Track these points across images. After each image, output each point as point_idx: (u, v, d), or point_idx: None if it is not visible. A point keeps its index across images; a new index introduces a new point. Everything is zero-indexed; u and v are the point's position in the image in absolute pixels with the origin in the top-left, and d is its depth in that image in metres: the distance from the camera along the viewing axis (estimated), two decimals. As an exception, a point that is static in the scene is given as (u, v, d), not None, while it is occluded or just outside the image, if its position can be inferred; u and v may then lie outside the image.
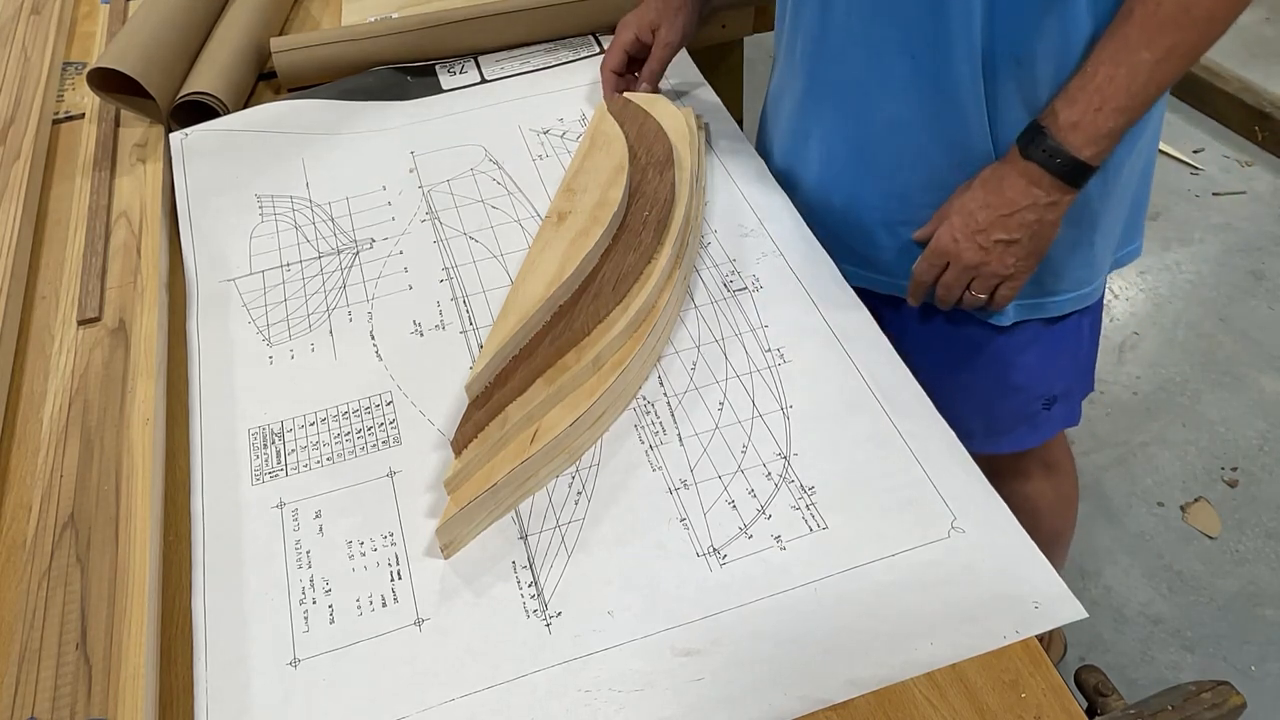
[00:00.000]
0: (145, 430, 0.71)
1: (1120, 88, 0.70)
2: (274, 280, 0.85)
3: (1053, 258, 0.83)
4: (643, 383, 0.74)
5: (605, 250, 0.79)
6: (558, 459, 0.68)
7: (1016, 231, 0.76)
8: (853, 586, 0.61)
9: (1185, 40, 0.68)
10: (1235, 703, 0.61)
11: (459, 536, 0.64)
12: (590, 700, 0.57)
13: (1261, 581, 1.48)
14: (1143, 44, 0.68)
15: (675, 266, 0.79)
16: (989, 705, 0.55)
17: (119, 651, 0.59)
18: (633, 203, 0.83)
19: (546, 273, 0.75)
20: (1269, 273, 1.96)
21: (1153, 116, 0.83)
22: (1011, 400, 0.91)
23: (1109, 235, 0.87)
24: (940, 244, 0.80)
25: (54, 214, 0.94)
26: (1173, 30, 0.68)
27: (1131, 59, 0.69)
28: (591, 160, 0.86)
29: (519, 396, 0.69)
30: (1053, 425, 0.97)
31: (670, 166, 0.86)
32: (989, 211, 0.76)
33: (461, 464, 0.65)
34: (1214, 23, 0.68)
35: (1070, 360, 0.94)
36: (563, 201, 0.82)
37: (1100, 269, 0.89)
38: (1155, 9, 0.67)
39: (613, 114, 0.92)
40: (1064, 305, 0.89)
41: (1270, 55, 2.48)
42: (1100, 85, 0.70)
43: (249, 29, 1.09)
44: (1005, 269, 0.78)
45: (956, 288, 0.81)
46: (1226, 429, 1.69)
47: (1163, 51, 0.68)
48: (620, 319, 0.73)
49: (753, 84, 1.29)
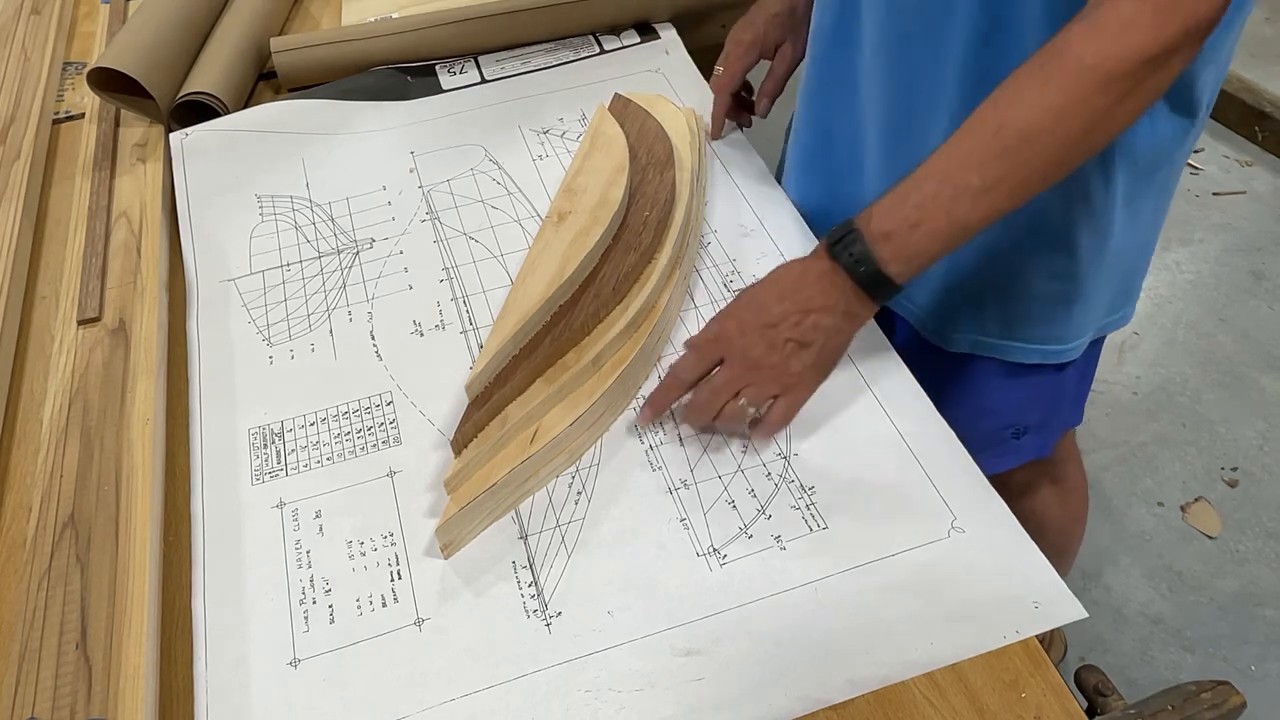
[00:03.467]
0: (145, 430, 0.71)
1: (941, 210, 0.60)
2: (274, 280, 0.85)
3: (1030, 306, 0.79)
4: (643, 383, 0.74)
5: (605, 250, 0.78)
6: (558, 459, 0.68)
7: (810, 334, 0.65)
8: (853, 587, 0.61)
9: (1016, 175, 0.59)
10: (1235, 703, 0.61)
11: (459, 537, 0.64)
12: (590, 700, 0.57)
13: (1261, 581, 1.48)
14: (974, 167, 0.59)
15: (675, 266, 0.79)
16: (989, 705, 0.55)
17: (119, 651, 0.59)
18: (633, 203, 0.82)
19: (547, 272, 0.75)
20: (1269, 273, 1.96)
21: (1165, 188, 0.77)
22: (980, 425, 0.84)
23: (1094, 301, 0.81)
24: (721, 333, 0.68)
25: (54, 214, 0.94)
26: (1006, 160, 0.59)
27: (959, 179, 0.60)
28: (592, 161, 0.86)
29: (519, 396, 0.69)
30: (1021, 454, 0.91)
31: (670, 167, 0.85)
32: (785, 306, 0.66)
33: (461, 464, 0.65)
34: (1051, 166, 0.59)
35: (1046, 399, 0.89)
36: (563, 202, 0.82)
37: (1080, 332, 0.83)
38: (996, 131, 0.58)
39: (613, 114, 0.92)
40: (1030, 355, 0.83)
41: (1270, 55, 2.48)
42: (923, 201, 0.61)
43: (249, 29, 1.08)
44: (789, 376, 0.66)
45: (724, 393, 0.67)
46: (1226, 429, 1.69)
47: (991, 180, 0.59)
48: (620, 319, 0.73)
49: (753, 84, 1.29)
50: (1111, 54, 0.54)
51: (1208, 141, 2.27)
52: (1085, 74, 0.55)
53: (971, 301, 0.83)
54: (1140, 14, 0.53)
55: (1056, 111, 0.57)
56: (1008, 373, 0.85)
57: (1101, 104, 0.56)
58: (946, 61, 0.71)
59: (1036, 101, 0.57)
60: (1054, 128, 0.57)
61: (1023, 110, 0.58)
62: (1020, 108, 0.58)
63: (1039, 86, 0.57)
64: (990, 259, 0.80)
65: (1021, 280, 0.79)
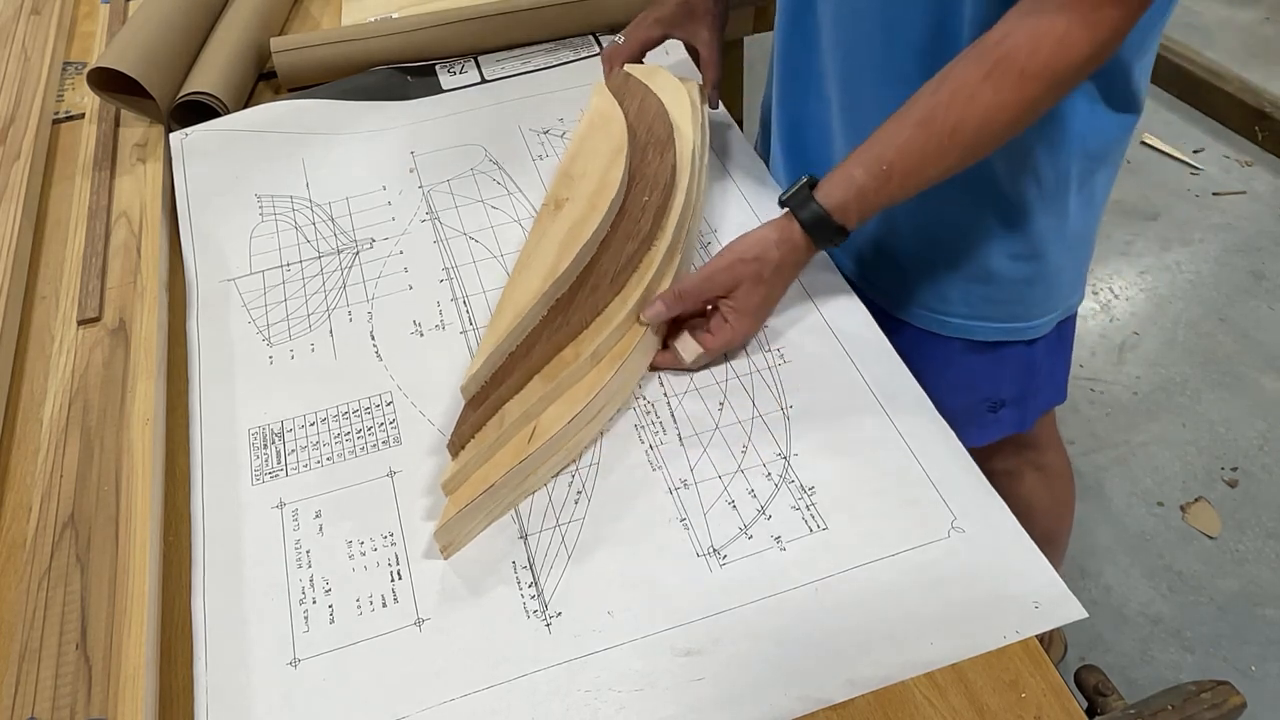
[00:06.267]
0: (145, 430, 0.71)
1: (890, 200, 0.69)
2: (274, 280, 0.85)
3: (992, 288, 0.83)
4: (641, 374, 0.74)
5: (604, 239, 0.77)
6: (556, 456, 0.68)
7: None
8: (852, 587, 0.61)
9: (963, 163, 0.67)
10: (1235, 703, 0.62)
11: (458, 538, 0.64)
12: (590, 700, 0.57)
13: (1261, 581, 1.48)
14: (932, 162, 0.66)
15: (675, 253, 0.78)
16: (989, 705, 0.55)
17: (119, 651, 0.59)
18: (632, 186, 0.81)
19: (542, 266, 0.74)
20: (1269, 273, 1.96)
21: (1112, 171, 0.82)
22: (954, 398, 0.85)
23: (1055, 281, 0.85)
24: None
25: (54, 214, 0.94)
26: (957, 154, 0.66)
27: (919, 175, 0.67)
28: (590, 142, 0.84)
29: (516, 395, 0.69)
30: (1001, 428, 0.95)
31: (671, 147, 0.83)
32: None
33: (459, 465, 0.65)
34: (988, 151, 0.67)
35: (1019, 373, 0.92)
36: (560, 188, 0.80)
37: (1044, 311, 0.87)
38: (953, 130, 0.65)
39: (612, 90, 0.90)
40: (993, 334, 0.87)
41: (1270, 55, 2.48)
42: (880, 203, 0.69)
43: (249, 29, 1.09)
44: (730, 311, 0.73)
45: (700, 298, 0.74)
46: (1226, 429, 1.69)
47: (944, 170, 0.67)
48: (619, 311, 0.72)
49: (752, 84, 1.29)
50: (1051, 65, 0.61)
51: (1208, 141, 2.27)
52: (1030, 80, 0.62)
53: (934, 283, 0.86)
54: (1071, 29, 0.60)
55: (1007, 110, 0.64)
56: (975, 349, 0.89)
57: (1043, 103, 0.64)
58: (897, 55, 0.75)
59: (990, 102, 0.63)
60: (1005, 124, 0.64)
61: (977, 111, 0.64)
62: (974, 108, 0.64)
63: (992, 91, 0.63)
64: (952, 242, 0.83)
65: (982, 262, 0.83)
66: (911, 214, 0.82)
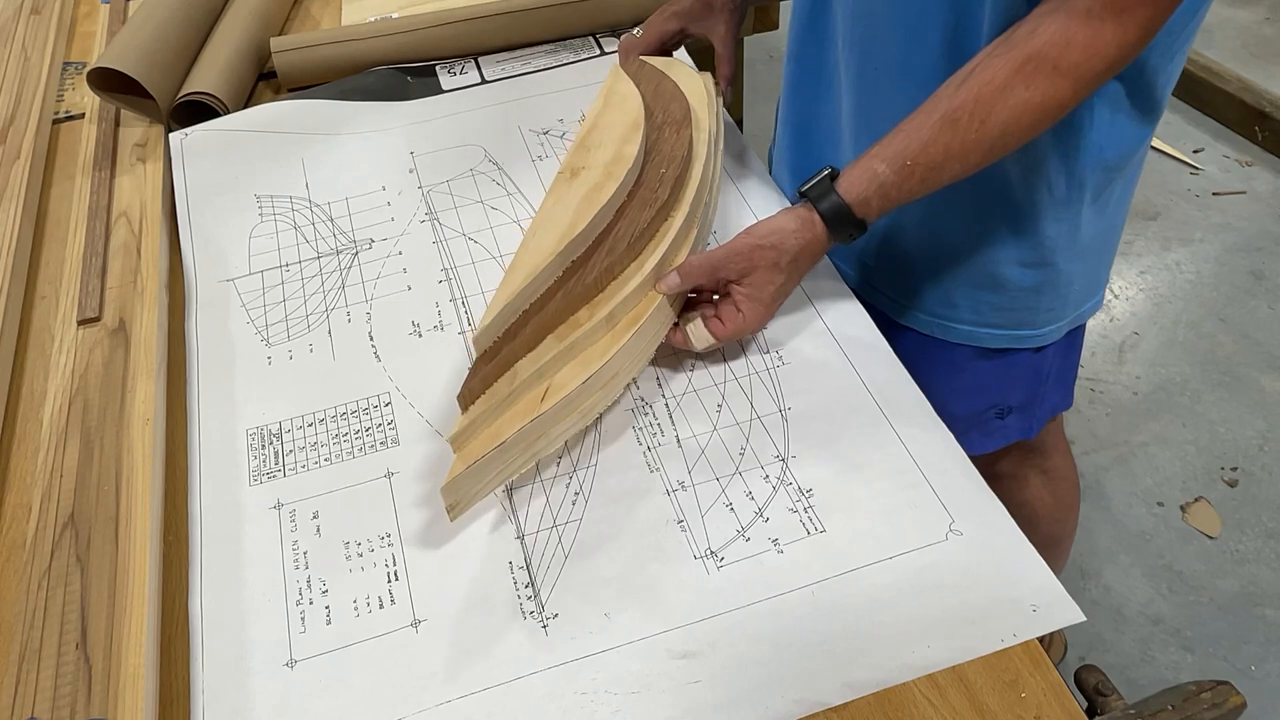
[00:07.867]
0: (145, 430, 0.71)
1: (911, 195, 0.68)
2: (273, 280, 0.85)
3: (1000, 296, 0.82)
4: (658, 345, 0.73)
5: (621, 206, 0.76)
6: (570, 418, 0.67)
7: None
8: (850, 590, 0.61)
9: (988, 159, 0.66)
10: (1235, 703, 0.62)
11: (465, 497, 0.63)
12: (587, 702, 0.57)
13: (1261, 581, 1.48)
14: (957, 156, 0.66)
15: (693, 225, 0.77)
16: (989, 705, 0.55)
17: (119, 651, 0.59)
18: (649, 160, 0.80)
19: (558, 227, 0.72)
20: (1269, 273, 1.96)
21: (1131, 179, 0.81)
22: (962, 405, 0.88)
23: (1065, 290, 0.84)
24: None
25: (54, 214, 0.94)
26: (982, 150, 0.65)
27: (944, 170, 0.67)
28: (606, 118, 0.83)
29: (529, 352, 0.67)
30: (1007, 434, 0.94)
31: (687, 125, 0.83)
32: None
33: (469, 420, 0.64)
34: (1010, 149, 0.66)
35: (1027, 380, 0.92)
36: (576, 157, 0.79)
37: (1053, 319, 0.86)
38: (982, 123, 0.64)
39: (629, 75, 0.89)
40: (1001, 341, 0.87)
41: (1270, 55, 2.48)
42: (900, 197, 0.68)
43: (249, 29, 1.09)
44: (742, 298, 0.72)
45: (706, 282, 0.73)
46: (1226, 429, 1.69)
47: (970, 166, 0.66)
48: (635, 275, 0.71)
49: (753, 84, 1.29)
50: (1082, 62, 0.61)
51: (1208, 141, 2.27)
52: (1062, 76, 0.61)
53: (940, 289, 0.85)
54: (1103, 27, 0.60)
55: (1037, 105, 0.63)
56: (982, 356, 0.88)
57: (1071, 100, 0.63)
58: (915, 54, 0.74)
59: (1021, 98, 0.63)
60: (1033, 120, 0.64)
61: (1006, 106, 0.63)
62: (1004, 104, 0.63)
63: (1023, 86, 0.62)
64: (960, 248, 0.82)
65: (990, 269, 0.82)
66: (919, 217, 0.82)
